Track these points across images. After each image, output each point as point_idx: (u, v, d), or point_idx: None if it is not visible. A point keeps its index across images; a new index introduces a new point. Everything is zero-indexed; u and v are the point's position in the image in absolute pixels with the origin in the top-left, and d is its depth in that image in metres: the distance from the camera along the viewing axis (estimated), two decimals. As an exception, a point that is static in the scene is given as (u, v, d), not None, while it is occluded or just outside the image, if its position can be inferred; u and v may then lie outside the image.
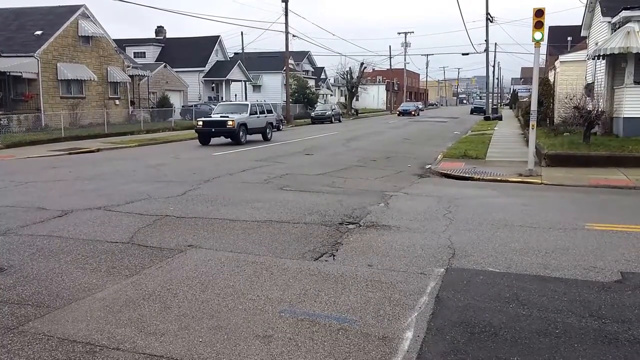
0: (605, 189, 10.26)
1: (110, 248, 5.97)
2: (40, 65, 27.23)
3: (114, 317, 4.12)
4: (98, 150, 18.92)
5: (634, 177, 11.11)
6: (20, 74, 26.67)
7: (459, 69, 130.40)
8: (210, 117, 21.89)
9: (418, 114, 54.88)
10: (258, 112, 22.26)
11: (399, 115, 53.70)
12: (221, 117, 20.98)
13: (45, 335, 3.79)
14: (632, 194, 9.84)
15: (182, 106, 40.36)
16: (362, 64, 61.19)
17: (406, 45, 73.82)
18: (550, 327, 3.93)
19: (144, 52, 46.14)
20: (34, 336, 3.78)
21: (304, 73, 60.18)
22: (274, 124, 23.91)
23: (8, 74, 26.21)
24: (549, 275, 5.06)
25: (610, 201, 9.11)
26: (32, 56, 26.99)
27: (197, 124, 21.30)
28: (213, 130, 20.60)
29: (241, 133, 20.62)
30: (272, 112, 24.00)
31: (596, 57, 17.10)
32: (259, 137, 22.62)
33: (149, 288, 4.75)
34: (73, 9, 30.05)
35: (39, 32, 28.43)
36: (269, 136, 23.04)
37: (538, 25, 11.63)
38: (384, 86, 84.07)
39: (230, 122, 20.23)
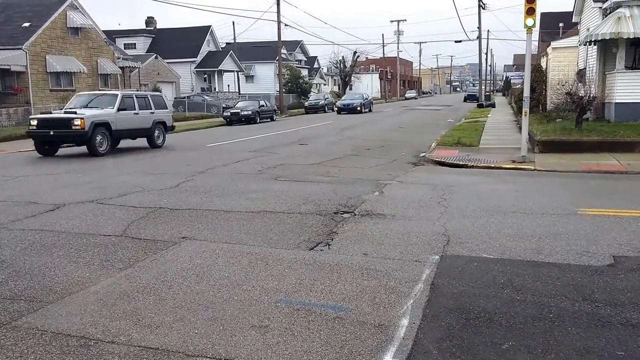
0: (598, 174, 10.31)
1: (103, 241, 5.92)
2: (28, 58, 26.87)
3: (108, 310, 4.10)
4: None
5: (626, 161, 11.18)
6: (8, 67, 26.32)
7: (452, 56, 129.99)
8: (51, 113, 15.62)
9: (369, 109, 39.73)
10: (137, 107, 15.84)
11: (338, 112, 37.52)
12: (65, 113, 14.43)
13: (38, 330, 3.76)
14: (624, 178, 9.90)
15: (175, 98, 40.06)
16: (355, 52, 60.99)
17: (399, 33, 73.55)
18: (544, 311, 3.96)
19: (135, 44, 45.65)
20: (27, 331, 3.75)
21: (296, 63, 59.85)
22: (169, 124, 17.48)
23: (-4, 67, 25.86)
24: (542, 261, 5.09)
25: (603, 186, 9.17)
26: (20, 49, 26.62)
27: (30, 125, 14.48)
28: (52, 133, 13.97)
29: (99, 137, 14.20)
30: (165, 108, 17.64)
31: (588, 43, 17.09)
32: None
33: (143, 281, 4.72)
34: (61, -1, 29.60)
35: (26, 24, 28.01)
36: (158, 141, 16.73)
37: (530, 11, 11.59)
38: (378, 75, 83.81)
39: (77, 122, 13.69)
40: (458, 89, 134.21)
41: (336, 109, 38.63)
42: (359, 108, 37.27)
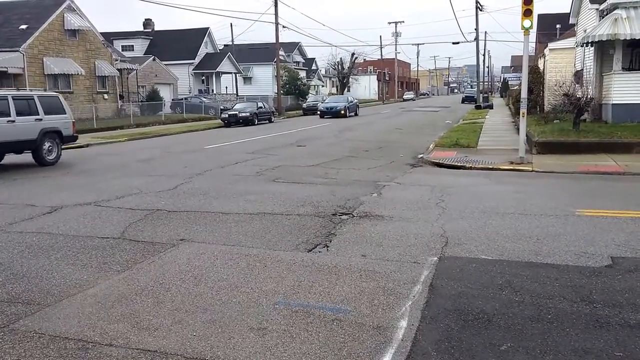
0: (595, 175, 10.33)
1: (101, 244, 5.91)
2: (26, 60, 26.84)
3: (106, 313, 4.09)
4: (87, 145, 18.71)
5: (623, 162, 11.21)
6: (5, 69, 26.28)
7: (449, 58, 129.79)
8: None
9: (355, 113, 36.54)
10: (12, 112, 12.08)
11: (321, 116, 34.38)
12: None
13: (36, 333, 3.75)
14: (621, 179, 9.92)
15: (172, 99, 40.10)
16: (353, 54, 61.05)
17: (397, 35, 73.65)
18: (543, 312, 3.96)
19: (132, 45, 45.62)
20: (25, 334, 3.74)
21: (294, 64, 59.92)
22: (66, 134, 13.58)
23: (-7, 69, 25.80)
24: (540, 262, 5.10)
25: (600, 187, 9.18)
26: (18, 51, 26.59)
27: None
28: None
29: None
30: (62, 112, 13.50)
31: (585, 44, 17.15)
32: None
33: (141, 283, 4.71)
34: (59, 2, 29.55)
35: (24, 26, 27.98)
36: (49, 157, 13.03)
37: (527, 13, 11.63)
38: (376, 76, 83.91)
39: None
40: (456, 91, 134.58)
41: (319, 112, 35.42)
42: (342, 112, 34.36)
